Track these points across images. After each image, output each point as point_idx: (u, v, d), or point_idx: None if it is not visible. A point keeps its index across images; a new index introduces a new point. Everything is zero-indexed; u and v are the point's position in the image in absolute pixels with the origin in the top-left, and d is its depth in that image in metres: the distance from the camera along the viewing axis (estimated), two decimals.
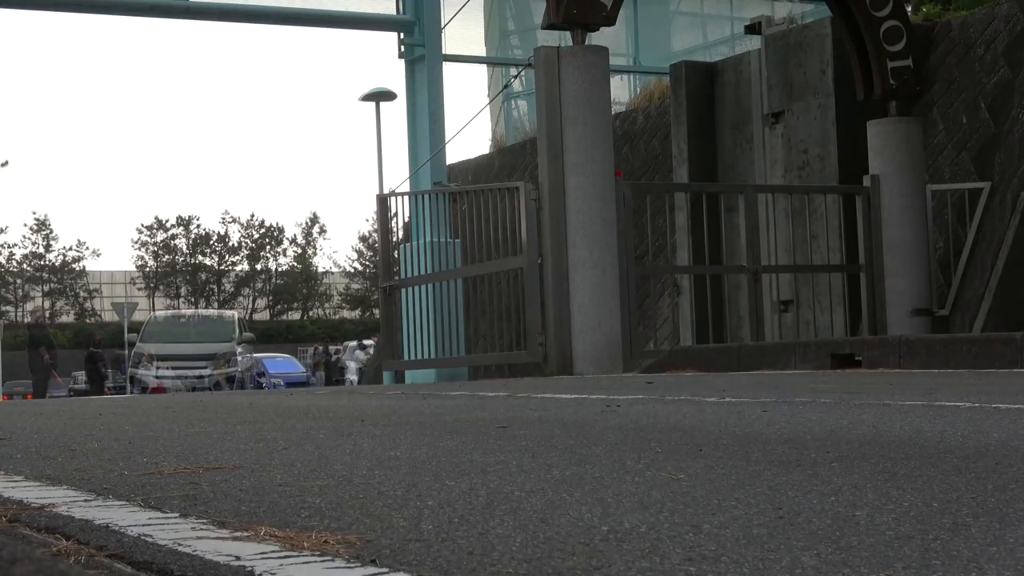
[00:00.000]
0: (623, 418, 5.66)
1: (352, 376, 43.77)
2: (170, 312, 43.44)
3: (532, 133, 24.35)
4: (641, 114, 24.65)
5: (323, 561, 2.48)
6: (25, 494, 3.59)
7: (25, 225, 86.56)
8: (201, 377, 27.40)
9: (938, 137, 17.89)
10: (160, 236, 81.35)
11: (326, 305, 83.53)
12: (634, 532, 2.70)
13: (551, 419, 5.77)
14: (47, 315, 38.93)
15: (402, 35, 20.90)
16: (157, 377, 27.52)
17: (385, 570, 2.38)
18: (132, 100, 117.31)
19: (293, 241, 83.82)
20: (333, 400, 8.81)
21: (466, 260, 16.31)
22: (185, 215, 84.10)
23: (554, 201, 14.06)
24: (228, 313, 33.36)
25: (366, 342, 42.00)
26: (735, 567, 2.32)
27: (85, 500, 3.44)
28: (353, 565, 2.43)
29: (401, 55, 20.96)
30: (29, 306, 77.05)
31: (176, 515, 3.12)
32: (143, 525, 2.95)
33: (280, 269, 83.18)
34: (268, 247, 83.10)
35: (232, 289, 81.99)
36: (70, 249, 79.06)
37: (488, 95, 30.77)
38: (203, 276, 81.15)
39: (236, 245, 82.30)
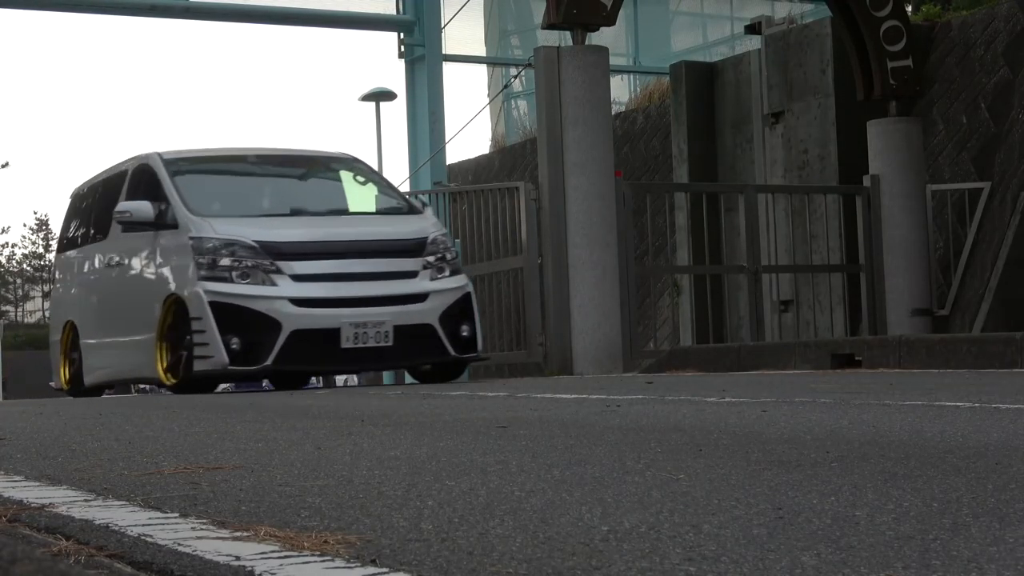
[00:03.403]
0: (623, 418, 5.66)
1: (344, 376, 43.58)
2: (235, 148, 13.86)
3: (532, 133, 24.36)
4: (641, 114, 24.65)
5: (323, 561, 2.48)
6: (25, 494, 3.59)
7: (25, 225, 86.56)
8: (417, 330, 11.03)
9: (938, 137, 17.89)
10: None
11: None
12: (634, 532, 2.70)
13: (551, 419, 5.77)
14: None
15: (402, 35, 20.90)
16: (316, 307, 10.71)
17: (385, 570, 2.38)
18: (132, 100, 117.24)
19: None
20: (333, 400, 8.81)
21: (466, 260, 16.31)
22: None
23: (554, 201, 14.06)
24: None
25: None
26: (735, 567, 2.32)
27: (85, 500, 3.44)
28: (353, 565, 2.43)
29: (401, 55, 20.95)
30: (29, 306, 77.04)
31: (176, 515, 3.12)
32: (143, 525, 2.95)
33: None
34: None
35: None
36: None
37: (488, 95, 30.77)
38: None
39: None
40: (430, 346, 11.09)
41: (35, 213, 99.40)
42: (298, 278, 10.67)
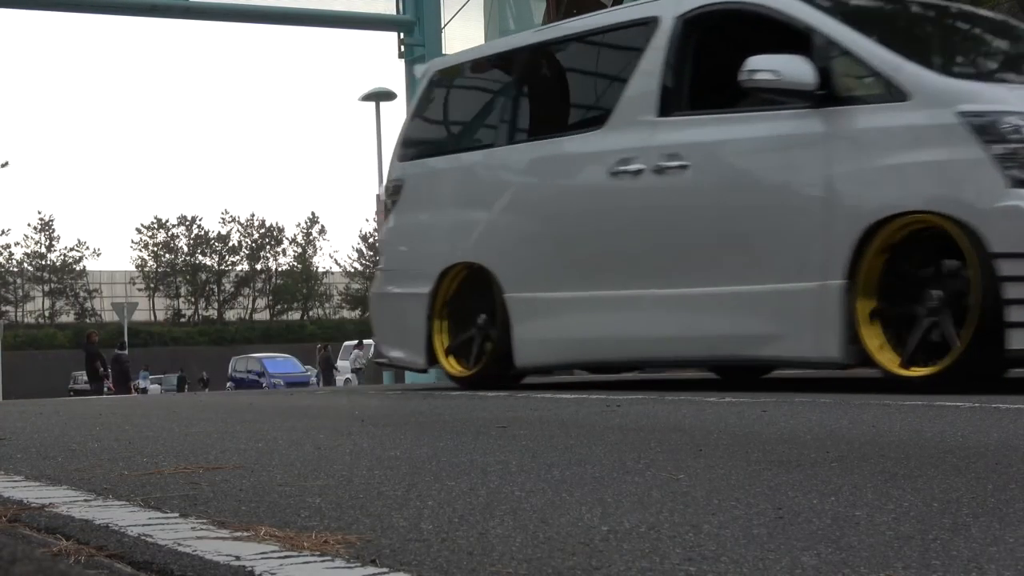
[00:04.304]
0: (623, 418, 5.66)
1: (349, 375, 43.75)
2: None
3: None
4: None
5: (323, 561, 2.48)
6: (25, 494, 3.59)
7: (29, 225, 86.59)
8: None
9: None
10: (160, 236, 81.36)
11: (326, 305, 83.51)
12: (634, 532, 2.70)
13: (551, 419, 5.77)
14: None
15: (402, 35, 20.92)
16: None
17: (385, 570, 2.38)
18: (132, 100, 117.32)
19: (293, 241, 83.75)
20: (333, 400, 8.81)
21: None
22: (188, 215, 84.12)
23: None
24: None
25: (365, 341, 42.09)
26: (735, 567, 2.32)
27: (85, 500, 3.44)
28: (353, 565, 2.43)
29: (401, 55, 20.98)
30: (29, 306, 77.11)
31: (176, 515, 3.12)
32: (143, 525, 2.95)
33: (280, 269, 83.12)
34: (268, 247, 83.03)
35: (232, 289, 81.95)
36: (71, 249, 79.09)
37: None
38: (203, 276, 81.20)
39: (236, 245, 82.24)
40: None
41: (39, 213, 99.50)
42: None
